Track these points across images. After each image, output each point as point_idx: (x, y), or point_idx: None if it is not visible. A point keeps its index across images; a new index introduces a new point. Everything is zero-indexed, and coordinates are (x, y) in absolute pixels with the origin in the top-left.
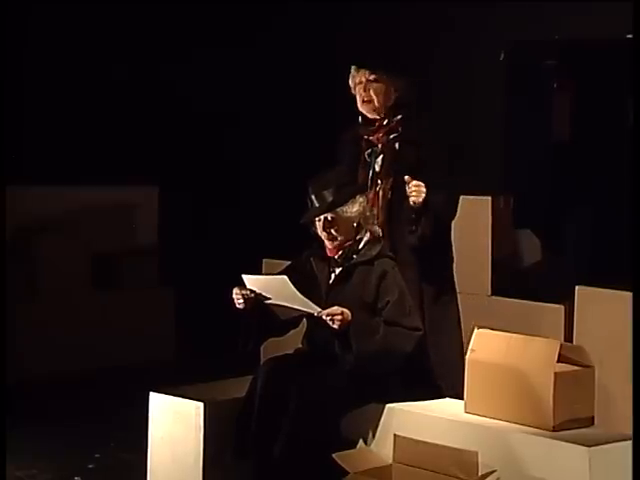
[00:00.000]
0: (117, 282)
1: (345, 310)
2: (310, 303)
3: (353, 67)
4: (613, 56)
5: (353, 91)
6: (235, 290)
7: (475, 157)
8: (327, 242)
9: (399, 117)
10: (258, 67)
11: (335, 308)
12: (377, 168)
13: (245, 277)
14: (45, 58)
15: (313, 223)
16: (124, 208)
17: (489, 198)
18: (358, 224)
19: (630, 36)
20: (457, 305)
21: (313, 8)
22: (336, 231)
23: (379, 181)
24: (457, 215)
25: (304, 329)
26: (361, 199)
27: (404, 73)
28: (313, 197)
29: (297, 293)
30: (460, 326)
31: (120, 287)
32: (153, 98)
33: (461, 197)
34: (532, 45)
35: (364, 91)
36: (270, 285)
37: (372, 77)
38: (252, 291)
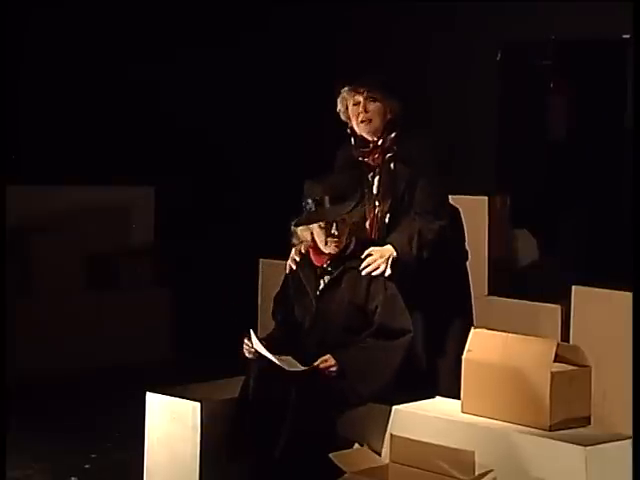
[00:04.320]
0: (114, 282)
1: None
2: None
3: (345, 89)
4: (609, 56)
5: (344, 115)
6: (245, 340)
7: (471, 157)
8: (322, 246)
9: (393, 135)
10: (255, 69)
11: (328, 357)
12: (374, 190)
13: (252, 333)
14: (44, 60)
15: (295, 232)
16: (121, 208)
17: (485, 198)
18: (351, 233)
19: (626, 36)
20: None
21: (312, 11)
22: (336, 236)
23: (376, 202)
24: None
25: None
26: (360, 208)
27: (400, 92)
28: (309, 201)
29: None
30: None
31: (117, 287)
32: (150, 99)
33: (458, 197)
34: (528, 45)
35: (364, 111)
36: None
37: (370, 96)
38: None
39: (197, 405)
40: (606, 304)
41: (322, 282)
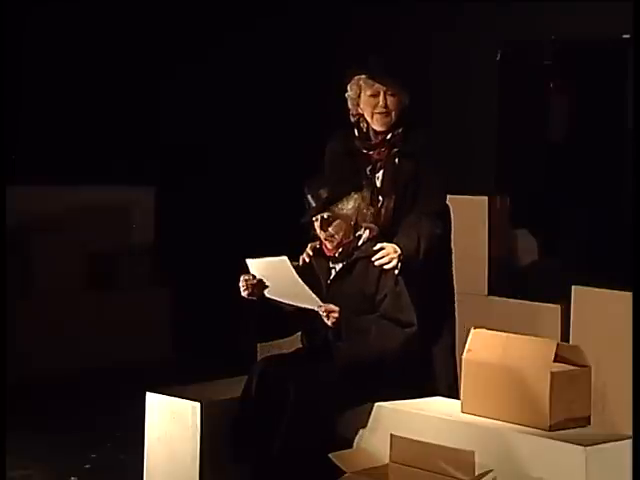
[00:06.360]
0: (114, 282)
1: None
2: (308, 291)
3: (363, 77)
4: (609, 56)
5: (353, 101)
6: (242, 277)
7: (471, 157)
8: (326, 242)
9: (400, 130)
10: (253, 70)
11: (333, 306)
12: (378, 184)
13: (248, 261)
14: (44, 59)
15: (312, 224)
16: (121, 208)
17: (486, 198)
18: (355, 222)
19: (627, 36)
20: (453, 305)
21: (311, 11)
22: (334, 230)
23: (380, 197)
24: (453, 216)
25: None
26: (355, 195)
27: (413, 86)
28: (309, 197)
29: (296, 277)
30: (454, 326)
31: (117, 287)
32: (150, 99)
33: (458, 197)
34: (528, 45)
35: (384, 104)
36: (271, 268)
37: (390, 89)
38: (255, 276)
39: (197, 405)
40: (606, 304)
41: (334, 270)
